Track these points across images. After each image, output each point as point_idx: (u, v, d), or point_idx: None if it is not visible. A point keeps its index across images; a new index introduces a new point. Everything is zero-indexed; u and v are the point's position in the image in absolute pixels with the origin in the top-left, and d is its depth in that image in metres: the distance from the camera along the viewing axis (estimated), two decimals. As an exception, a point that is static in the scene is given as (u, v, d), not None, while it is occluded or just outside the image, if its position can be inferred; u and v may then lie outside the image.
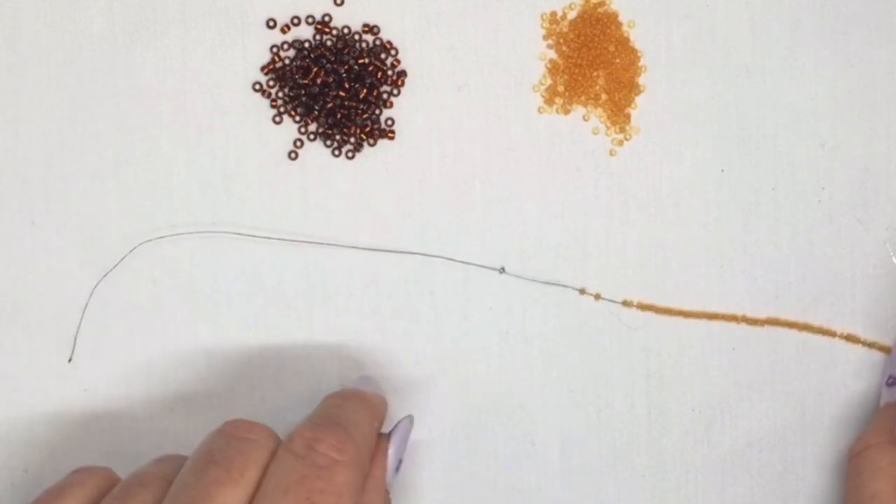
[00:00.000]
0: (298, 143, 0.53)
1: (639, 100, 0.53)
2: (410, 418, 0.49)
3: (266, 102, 0.53)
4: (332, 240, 0.53)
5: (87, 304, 0.53)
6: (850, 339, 0.52)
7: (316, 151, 0.53)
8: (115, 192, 0.53)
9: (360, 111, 0.53)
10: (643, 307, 0.52)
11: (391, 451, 0.48)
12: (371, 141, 0.53)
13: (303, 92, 0.53)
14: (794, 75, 0.53)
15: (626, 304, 0.52)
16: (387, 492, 0.48)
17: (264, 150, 0.53)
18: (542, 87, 0.53)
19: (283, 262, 0.53)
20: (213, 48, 0.53)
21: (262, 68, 0.53)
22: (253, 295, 0.52)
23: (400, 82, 0.53)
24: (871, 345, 0.52)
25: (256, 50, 0.53)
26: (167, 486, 0.45)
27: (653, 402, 0.53)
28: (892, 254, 0.52)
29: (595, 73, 0.53)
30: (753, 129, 0.53)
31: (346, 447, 0.45)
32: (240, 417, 0.47)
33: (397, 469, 0.49)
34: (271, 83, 0.53)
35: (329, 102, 0.52)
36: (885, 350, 0.52)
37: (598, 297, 0.53)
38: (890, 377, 0.50)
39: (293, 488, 0.44)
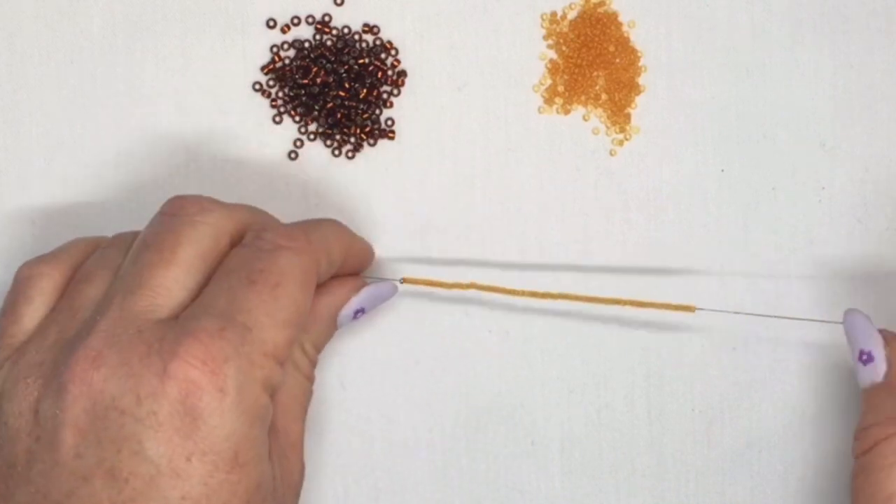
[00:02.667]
0: (298, 143, 0.53)
1: (639, 100, 0.53)
2: (394, 287, 0.51)
3: (266, 102, 0.53)
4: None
5: (87, 304, 0.53)
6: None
7: (316, 151, 0.53)
8: (115, 192, 0.53)
9: (360, 111, 0.53)
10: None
11: (362, 291, 0.50)
12: (371, 141, 0.53)
13: (303, 92, 0.53)
14: (794, 75, 0.53)
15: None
16: (335, 325, 0.49)
17: (264, 150, 0.53)
18: (542, 87, 0.53)
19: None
20: (213, 48, 0.53)
21: (262, 68, 0.53)
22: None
23: (400, 82, 0.53)
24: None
25: (256, 50, 0.53)
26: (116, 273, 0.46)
27: (653, 402, 0.53)
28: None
29: (595, 73, 0.53)
30: (753, 129, 0.53)
31: (295, 237, 0.46)
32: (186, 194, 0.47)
33: (355, 316, 0.50)
34: (271, 83, 0.53)
35: (329, 102, 0.53)
36: None
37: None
38: (861, 353, 0.47)
39: (235, 270, 0.45)
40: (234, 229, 0.47)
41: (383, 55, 0.53)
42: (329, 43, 0.53)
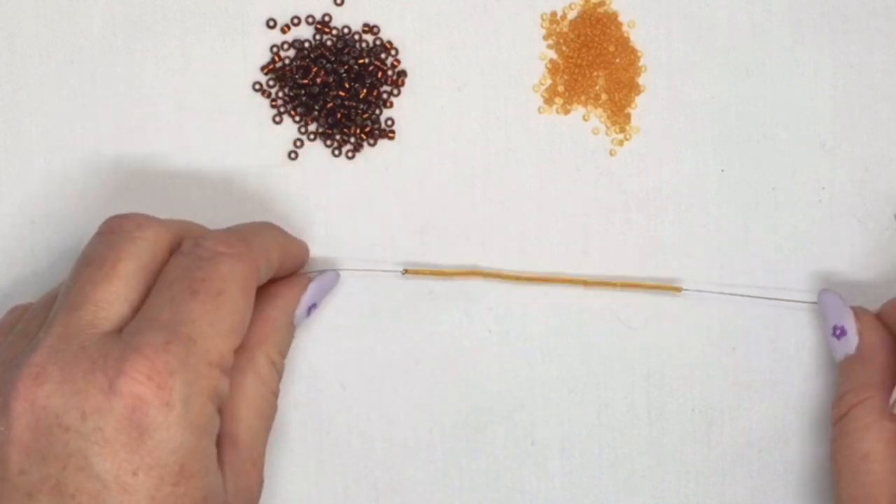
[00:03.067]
0: (298, 143, 0.53)
1: (639, 100, 0.53)
2: (337, 275, 0.51)
3: (266, 102, 0.53)
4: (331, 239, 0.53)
5: (87, 304, 0.52)
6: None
7: (316, 151, 0.53)
8: (115, 192, 0.53)
9: (360, 111, 0.53)
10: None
11: (309, 287, 0.50)
12: (371, 141, 0.53)
13: (303, 92, 0.53)
14: (794, 75, 0.53)
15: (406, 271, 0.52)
16: (293, 326, 0.50)
17: (264, 150, 0.53)
18: (542, 87, 0.53)
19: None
20: (213, 48, 0.53)
21: (262, 68, 0.53)
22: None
23: (400, 82, 0.53)
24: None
25: (256, 50, 0.53)
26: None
27: (653, 402, 0.53)
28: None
29: (595, 73, 0.53)
30: (753, 129, 0.53)
31: (233, 244, 0.46)
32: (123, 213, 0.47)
33: (309, 312, 0.50)
34: (271, 83, 0.53)
35: (329, 102, 0.53)
36: None
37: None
38: (835, 328, 0.50)
39: (176, 280, 0.45)
40: (172, 241, 0.47)
41: (383, 55, 0.53)
42: (329, 43, 0.53)
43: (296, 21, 0.53)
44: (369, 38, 0.53)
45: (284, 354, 0.49)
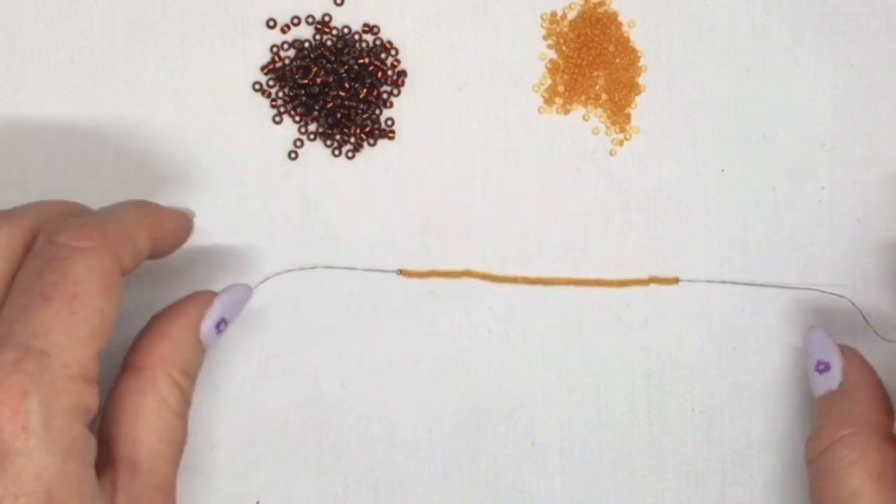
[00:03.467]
0: (298, 143, 0.53)
1: (639, 100, 0.53)
2: (248, 288, 0.48)
3: (266, 102, 0.53)
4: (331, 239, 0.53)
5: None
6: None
7: (316, 151, 0.53)
8: (115, 192, 0.52)
9: (360, 111, 0.53)
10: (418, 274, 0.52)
11: (215, 303, 0.47)
12: (371, 141, 0.53)
13: (303, 92, 0.53)
14: (794, 75, 0.53)
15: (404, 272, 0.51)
16: (201, 346, 0.46)
17: (264, 150, 0.53)
18: (542, 87, 0.53)
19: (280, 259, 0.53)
20: (213, 48, 0.53)
21: (262, 68, 0.53)
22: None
23: (400, 82, 0.53)
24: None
25: (256, 50, 0.53)
26: None
27: (653, 402, 0.53)
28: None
29: (595, 73, 0.53)
30: (753, 129, 0.53)
31: (89, 234, 0.42)
32: None
33: (219, 329, 0.47)
34: (271, 83, 0.53)
35: (329, 102, 0.53)
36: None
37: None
38: (819, 363, 0.49)
39: (29, 287, 0.41)
40: (27, 236, 0.43)
41: (383, 55, 0.53)
42: (329, 43, 0.53)
43: (296, 21, 0.53)
44: (369, 38, 0.53)
45: (191, 376, 0.46)
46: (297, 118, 0.53)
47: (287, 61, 0.53)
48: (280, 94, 0.53)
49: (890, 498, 0.45)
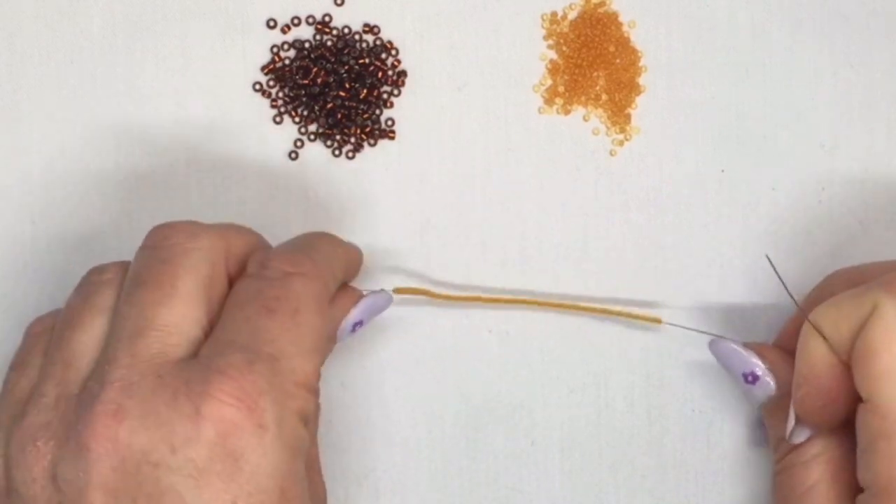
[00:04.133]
0: (298, 143, 0.53)
1: (639, 100, 0.53)
2: (389, 296, 0.49)
3: (266, 102, 0.53)
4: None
5: (87, 304, 0.52)
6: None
7: (316, 151, 0.53)
8: (115, 192, 0.53)
9: (360, 111, 0.53)
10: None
11: (359, 304, 0.48)
12: (371, 141, 0.53)
13: (303, 92, 0.53)
14: (794, 75, 0.53)
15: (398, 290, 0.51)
16: (334, 339, 0.48)
17: (264, 150, 0.53)
18: (543, 88, 0.53)
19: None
20: (213, 48, 0.53)
21: (263, 68, 0.53)
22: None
23: (400, 82, 0.53)
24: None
25: (256, 50, 0.53)
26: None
27: (653, 402, 0.53)
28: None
29: (595, 74, 0.53)
30: (753, 129, 0.53)
31: (301, 262, 0.44)
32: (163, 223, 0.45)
33: (353, 329, 0.48)
34: (271, 83, 0.53)
35: (329, 102, 0.53)
36: None
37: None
38: (745, 376, 0.48)
39: (249, 301, 0.42)
40: (227, 251, 0.45)
41: (383, 55, 0.53)
42: (329, 43, 0.53)
43: (296, 21, 0.53)
44: (369, 38, 0.53)
45: (316, 362, 0.45)
46: (298, 118, 0.53)
47: (287, 61, 0.53)
48: (280, 95, 0.53)
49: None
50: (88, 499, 0.39)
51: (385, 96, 0.53)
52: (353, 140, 0.53)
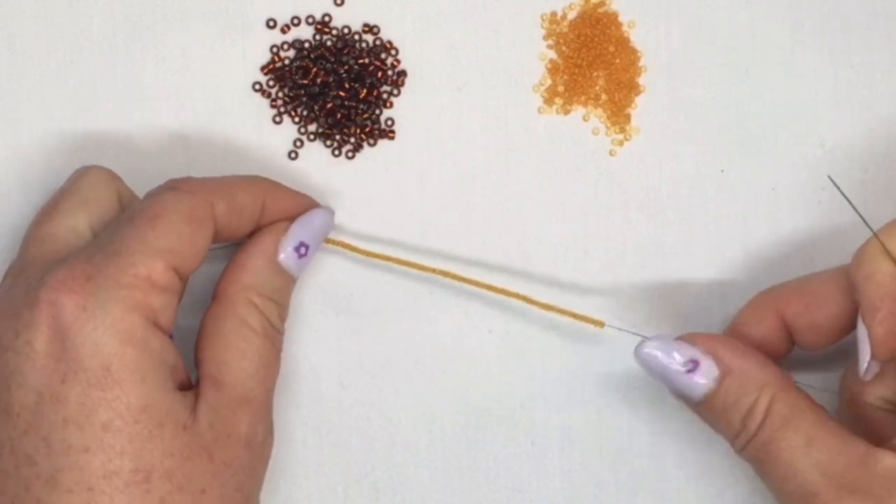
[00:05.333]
0: (298, 143, 0.53)
1: (639, 100, 0.53)
2: (329, 212, 0.50)
3: (266, 102, 0.53)
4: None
5: (87, 304, 0.52)
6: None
7: (316, 151, 0.53)
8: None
9: (360, 111, 0.53)
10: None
11: (292, 227, 0.49)
12: (371, 141, 0.53)
13: (303, 92, 0.53)
14: (794, 75, 0.53)
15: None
16: (284, 272, 0.49)
17: (264, 150, 0.53)
18: (542, 88, 0.53)
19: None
20: (213, 48, 0.53)
21: (262, 68, 0.53)
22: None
23: (400, 82, 0.53)
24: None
25: (256, 50, 0.53)
26: None
27: (653, 402, 0.53)
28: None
29: (595, 74, 0.53)
30: (753, 129, 0.53)
31: (185, 181, 0.47)
32: None
33: (299, 253, 0.49)
34: (271, 83, 0.53)
35: (329, 102, 0.53)
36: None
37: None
38: (686, 364, 0.46)
39: (121, 216, 0.47)
40: (213, 194, 0.48)
41: (383, 55, 0.53)
42: (329, 43, 0.53)
43: (296, 21, 0.53)
44: (369, 38, 0.53)
45: (276, 301, 0.48)
46: (297, 118, 0.53)
47: (287, 61, 0.53)
48: (280, 95, 0.53)
49: (841, 429, 0.45)
50: None
51: (385, 96, 0.53)
52: (353, 140, 0.53)
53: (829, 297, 0.47)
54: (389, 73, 0.53)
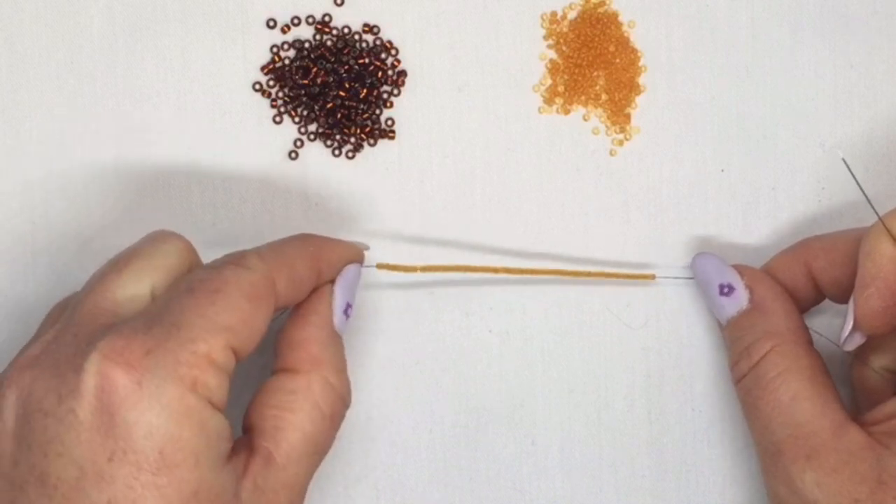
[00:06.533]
0: (298, 143, 0.53)
1: (639, 100, 0.53)
2: (357, 267, 0.50)
3: (266, 102, 0.53)
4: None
5: (87, 304, 0.52)
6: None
7: (316, 151, 0.53)
8: (116, 192, 0.53)
9: (360, 111, 0.53)
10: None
11: (336, 291, 0.48)
12: (371, 141, 0.53)
13: (303, 92, 0.53)
14: (794, 75, 0.53)
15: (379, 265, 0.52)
16: (338, 336, 0.48)
17: (264, 150, 0.53)
18: (542, 87, 0.53)
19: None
20: (213, 48, 0.53)
21: (263, 68, 0.53)
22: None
23: (400, 82, 0.53)
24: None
25: (256, 50, 0.53)
26: None
27: (653, 402, 0.53)
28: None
29: (595, 74, 0.53)
30: (753, 129, 0.53)
31: (245, 255, 0.45)
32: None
33: (346, 314, 0.48)
34: (271, 83, 0.53)
35: (329, 102, 0.53)
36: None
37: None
38: (721, 287, 0.50)
39: (178, 285, 0.44)
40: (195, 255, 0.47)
41: (383, 55, 0.53)
42: (329, 43, 0.53)
43: (296, 21, 0.53)
44: (369, 38, 0.53)
45: (343, 369, 0.47)
46: (297, 118, 0.53)
47: (287, 61, 0.53)
48: (280, 95, 0.53)
49: (826, 396, 0.46)
50: (2, 445, 0.41)
51: (385, 96, 0.53)
52: (353, 140, 0.53)
53: (852, 257, 0.48)
54: (389, 73, 0.53)
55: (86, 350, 0.41)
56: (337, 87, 0.52)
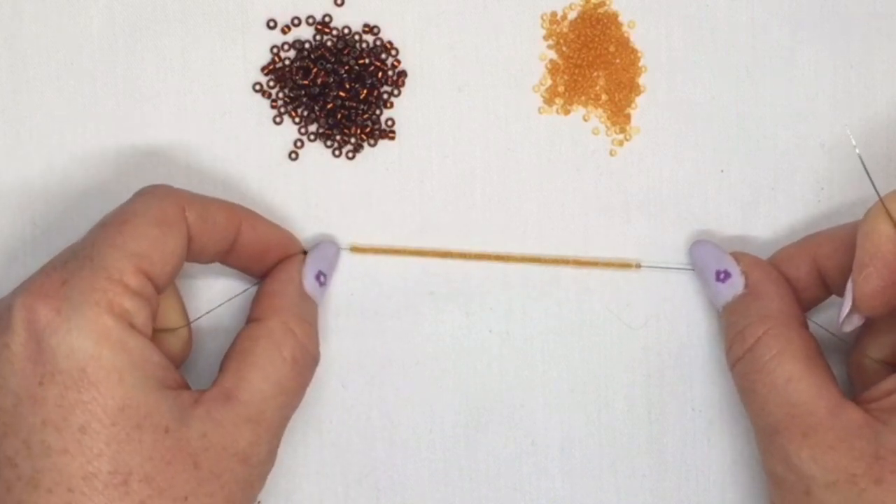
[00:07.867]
0: (299, 144, 0.53)
1: (639, 100, 0.53)
2: (334, 245, 0.52)
3: (266, 103, 0.53)
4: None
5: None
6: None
7: (316, 152, 0.53)
8: (115, 193, 0.52)
9: (360, 111, 0.53)
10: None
11: (308, 258, 0.51)
12: (371, 141, 0.53)
13: (303, 92, 0.53)
14: (794, 75, 0.53)
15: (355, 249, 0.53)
16: (309, 298, 0.50)
17: (264, 150, 0.53)
18: (543, 88, 0.53)
19: (283, 262, 0.53)
20: (213, 48, 0.53)
21: (263, 69, 0.53)
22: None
23: (400, 82, 0.53)
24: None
25: (256, 50, 0.53)
26: None
27: (653, 402, 0.53)
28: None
29: (595, 74, 0.53)
30: (753, 129, 0.53)
31: (158, 186, 0.48)
32: None
33: (319, 281, 0.51)
34: (271, 83, 0.53)
35: (329, 103, 0.53)
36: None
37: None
38: (718, 273, 0.50)
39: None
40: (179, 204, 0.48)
41: (383, 55, 0.53)
42: (329, 43, 0.53)
43: (296, 22, 0.53)
44: (369, 38, 0.53)
45: (311, 323, 0.50)
46: (298, 119, 0.53)
47: (287, 62, 0.53)
48: (280, 95, 0.53)
49: (821, 376, 0.46)
50: None
51: (385, 96, 0.53)
52: (353, 140, 0.53)
53: (855, 247, 0.48)
54: (389, 73, 0.53)
55: (15, 292, 0.45)
56: (337, 88, 0.52)
